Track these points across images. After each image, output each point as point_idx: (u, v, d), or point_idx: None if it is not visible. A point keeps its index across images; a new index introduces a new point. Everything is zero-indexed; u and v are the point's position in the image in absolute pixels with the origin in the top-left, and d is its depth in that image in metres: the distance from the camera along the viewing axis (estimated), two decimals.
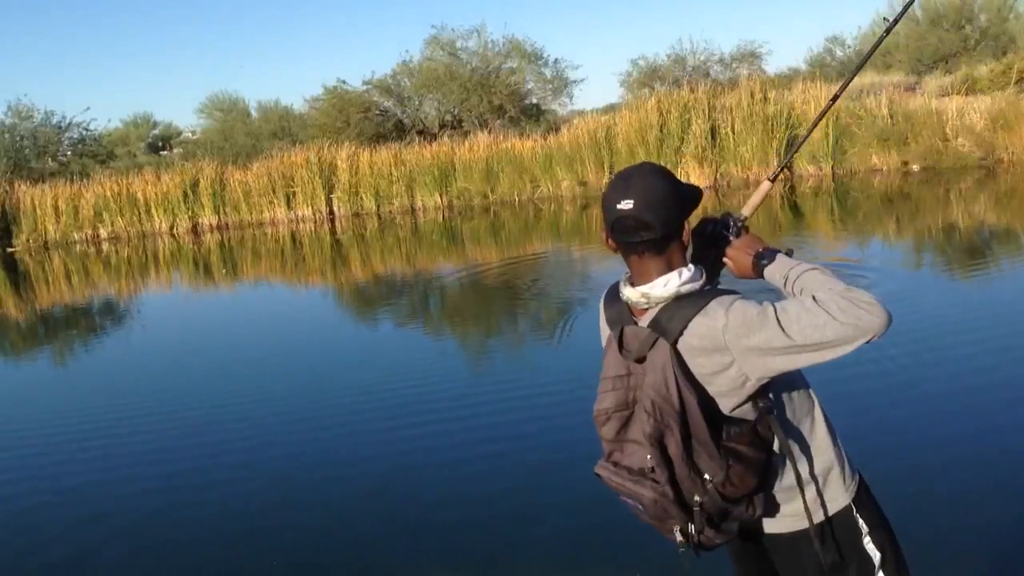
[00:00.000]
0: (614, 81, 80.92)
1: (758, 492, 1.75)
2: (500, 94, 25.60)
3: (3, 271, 17.87)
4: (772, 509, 1.82)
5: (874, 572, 1.83)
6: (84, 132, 28.32)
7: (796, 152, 2.16)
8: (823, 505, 1.81)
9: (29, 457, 5.65)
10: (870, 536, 1.83)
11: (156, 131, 43.75)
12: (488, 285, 10.59)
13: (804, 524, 1.79)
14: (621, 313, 1.82)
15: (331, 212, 20.56)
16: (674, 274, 1.74)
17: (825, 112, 2.28)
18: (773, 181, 2.03)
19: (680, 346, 1.71)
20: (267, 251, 16.89)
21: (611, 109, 24.03)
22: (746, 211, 1.98)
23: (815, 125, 2.36)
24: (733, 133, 17.48)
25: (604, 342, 1.87)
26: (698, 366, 1.71)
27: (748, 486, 1.71)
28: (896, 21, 2.11)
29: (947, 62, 26.02)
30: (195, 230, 20.93)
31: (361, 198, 20.52)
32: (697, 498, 1.71)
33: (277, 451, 5.22)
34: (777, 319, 1.63)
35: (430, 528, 3.95)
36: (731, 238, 1.90)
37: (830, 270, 1.77)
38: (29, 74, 66.30)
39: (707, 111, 17.61)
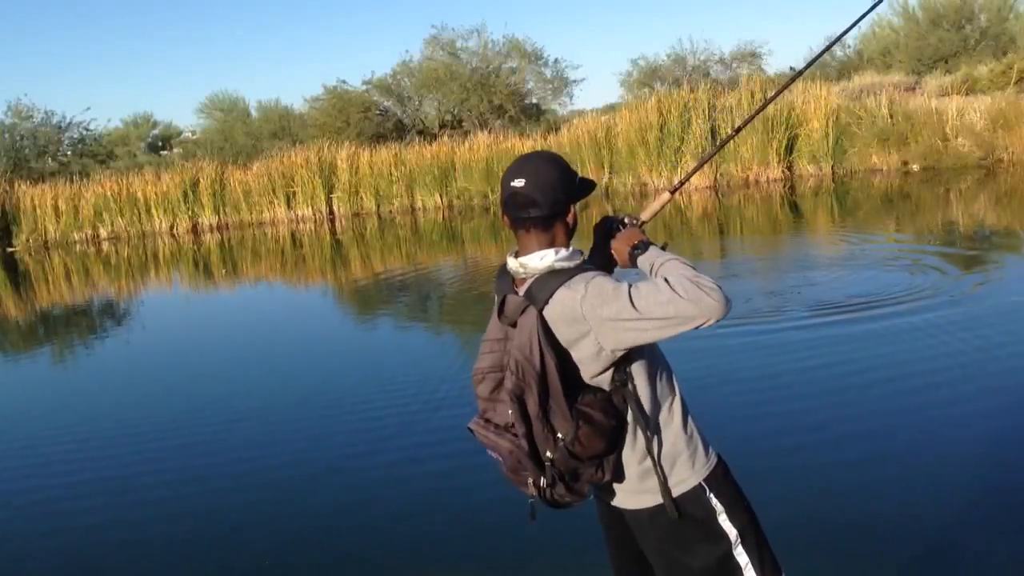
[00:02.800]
0: (614, 81, 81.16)
1: (607, 455, 1.91)
2: (500, 94, 25.63)
3: (3, 271, 17.87)
4: (626, 484, 1.97)
5: (732, 548, 1.95)
6: (84, 132, 28.44)
7: (702, 166, 2.41)
8: (670, 485, 1.94)
9: (25, 456, 5.65)
10: (726, 515, 1.96)
11: (156, 131, 43.81)
12: (482, 283, 10.59)
13: (655, 501, 1.95)
14: (506, 283, 2.01)
15: (331, 212, 20.59)
16: (551, 250, 1.93)
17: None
18: (673, 193, 2.24)
19: (546, 314, 1.88)
20: (267, 251, 16.88)
21: (611, 109, 24.05)
22: (644, 216, 2.20)
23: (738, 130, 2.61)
24: None
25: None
26: (561, 333, 1.88)
27: (596, 448, 1.87)
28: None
29: (947, 62, 26.02)
30: (195, 230, 20.95)
31: (361, 198, 20.54)
32: (549, 454, 1.87)
33: (275, 449, 5.23)
34: (629, 294, 1.80)
35: (437, 526, 3.95)
36: (616, 233, 2.11)
37: (689, 262, 1.91)
38: (29, 74, 66.43)
39: (707, 111, 17.59)
